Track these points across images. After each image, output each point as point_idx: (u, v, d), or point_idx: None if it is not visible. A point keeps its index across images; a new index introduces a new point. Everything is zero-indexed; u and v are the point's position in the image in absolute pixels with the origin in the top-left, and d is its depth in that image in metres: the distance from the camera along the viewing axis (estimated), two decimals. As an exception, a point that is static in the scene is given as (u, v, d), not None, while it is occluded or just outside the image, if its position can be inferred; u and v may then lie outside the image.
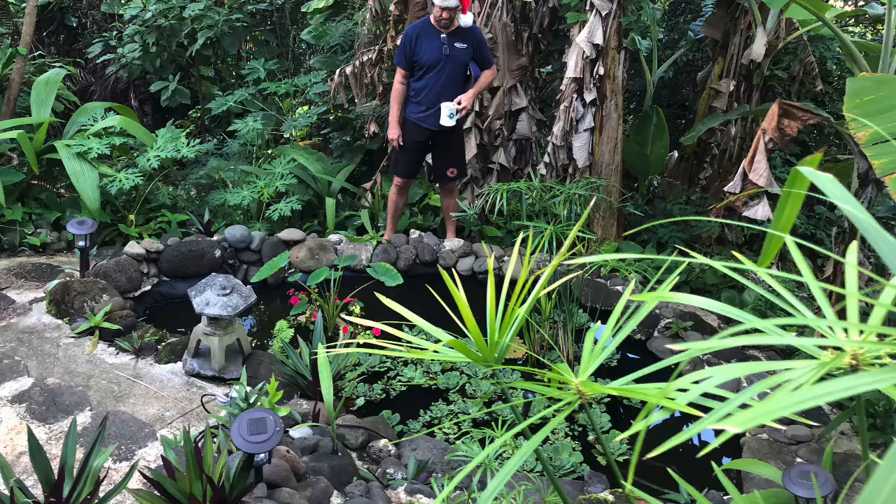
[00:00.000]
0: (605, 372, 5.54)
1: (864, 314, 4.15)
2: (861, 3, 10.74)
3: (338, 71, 8.44)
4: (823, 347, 1.12)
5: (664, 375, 1.45)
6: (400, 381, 5.41)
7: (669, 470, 2.39)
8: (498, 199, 5.87)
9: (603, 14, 7.11)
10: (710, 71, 8.31)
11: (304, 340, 5.22)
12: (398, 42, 7.39)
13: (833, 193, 1.24)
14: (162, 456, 3.56)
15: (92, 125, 7.70)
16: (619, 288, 6.61)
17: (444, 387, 5.35)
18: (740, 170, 5.42)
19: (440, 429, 4.89)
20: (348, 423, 4.56)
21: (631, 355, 5.95)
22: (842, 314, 1.31)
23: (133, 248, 6.50)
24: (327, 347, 4.66)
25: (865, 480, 1.00)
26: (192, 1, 9.99)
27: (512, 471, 1.28)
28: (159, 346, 5.30)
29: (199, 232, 7.40)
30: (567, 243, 1.78)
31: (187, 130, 8.40)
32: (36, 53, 9.60)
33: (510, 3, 7.98)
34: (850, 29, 11.08)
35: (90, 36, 11.64)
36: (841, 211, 2.04)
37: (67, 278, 5.94)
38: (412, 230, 7.49)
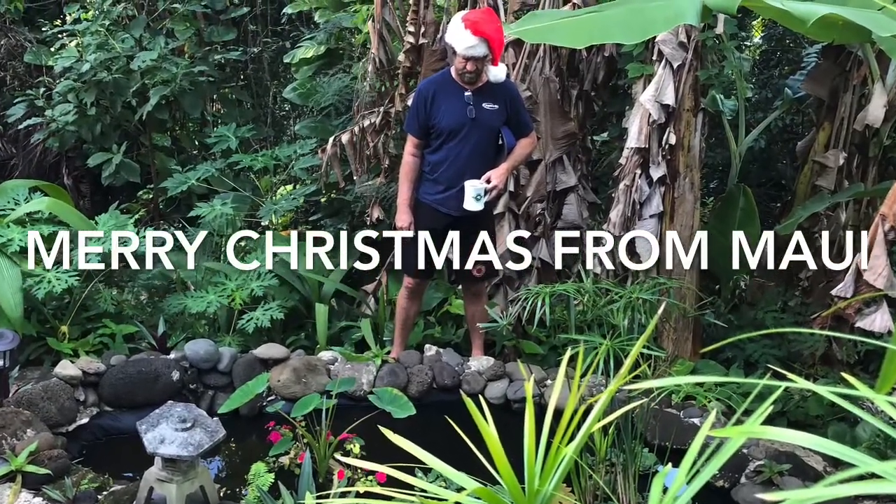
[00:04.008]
0: (679, 531, 5.49)
1: None
2: None
3: (331, 139, 8.53)
4: (957, 497, 1.14)
5: (755, 534, 1.46)
6: (411, 542, 5.37)
7: None
8: (539, 305, 5.90)
9: (675, 66, 7.10)
10: (813, 139, 8.30)
11: (287, 488, 5.21)
12: (409, 102, 7.46)
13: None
14: None
15: (13, 209, 7.77)
16: (696, 420, 6.59)
17: (469, 550, 5.31)
18: (853, 267, 5.45)
19: None
20: None
21: (713, 509, 5.91)
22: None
23: (66, 368, 6.52)
24: (318, 497, 4.65)
25: None
26: (143, 49, 10.05)
27: None
28: (100, 496, 5.30)
29: (152, 348, 7.43)
30: (628, 363, 1.82)
31: (136, 216, 8.46)
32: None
33: (555, 52, 8.05)
34: None
35: (10, 94, 11.67)
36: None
37: (-20, 408, 5.98)
38: (427, 346, 7.50)
